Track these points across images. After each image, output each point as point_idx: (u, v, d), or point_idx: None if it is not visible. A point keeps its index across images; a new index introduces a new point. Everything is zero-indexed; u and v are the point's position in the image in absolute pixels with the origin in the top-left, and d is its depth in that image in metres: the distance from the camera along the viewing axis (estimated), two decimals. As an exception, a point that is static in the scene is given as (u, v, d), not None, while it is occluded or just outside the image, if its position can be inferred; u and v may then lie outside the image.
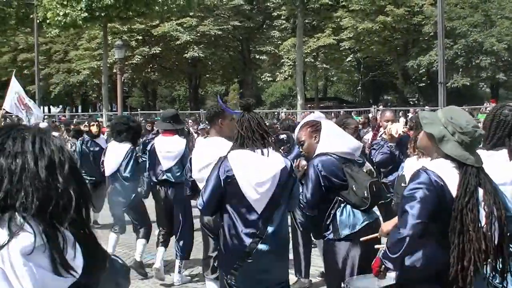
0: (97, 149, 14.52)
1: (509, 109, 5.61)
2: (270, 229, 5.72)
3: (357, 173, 6.51)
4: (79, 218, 2.49)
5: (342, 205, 6.39)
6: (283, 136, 11.12)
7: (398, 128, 9.74)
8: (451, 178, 4.54)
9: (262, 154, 5.70)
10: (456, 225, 4.46)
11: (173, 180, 10.36)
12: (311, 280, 9.81)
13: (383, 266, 4.77)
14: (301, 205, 6.53)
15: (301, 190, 6.47)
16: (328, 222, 6.44)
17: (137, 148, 11.88)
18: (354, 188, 6.33)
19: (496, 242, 4.46)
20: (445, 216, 4.51)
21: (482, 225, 4.45)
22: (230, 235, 5.74)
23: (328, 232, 6.47)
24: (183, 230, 10.41)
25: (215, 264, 6.07)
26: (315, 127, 6.78)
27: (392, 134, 9.63)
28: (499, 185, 5.03)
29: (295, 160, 7.10)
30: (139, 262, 10.73)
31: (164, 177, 10.46)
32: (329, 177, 6.39)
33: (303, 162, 7.01)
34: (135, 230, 11.16)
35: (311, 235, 9.80)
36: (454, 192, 4.50)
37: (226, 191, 5.70)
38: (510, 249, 4.71)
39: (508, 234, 4.56)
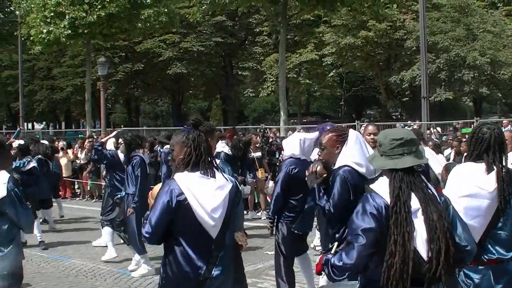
0: None
1: (487, 127, 5.89)
2: (221, 253, 5.52)
3: None
4: None
5: None
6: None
7: None
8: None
9: (211, 176, 5.51)
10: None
11: None
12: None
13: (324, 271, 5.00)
14: (327, 212, 6.68)
15: (322, 201, 6.72)
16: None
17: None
18: None
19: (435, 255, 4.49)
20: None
21: (416, 234, 4.51)
22: (182, 263, 5.42)
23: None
24: None
25: None
26: (341, 137, 6.87)
27: None
28: (474, 196, 5.43)
29: (311, 165, 6.98)
30: None
31: None
32: (355, 188, 6.51)
33: (320, 168, 6.80)
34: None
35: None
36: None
37: (177, 217, 5.38)
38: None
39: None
